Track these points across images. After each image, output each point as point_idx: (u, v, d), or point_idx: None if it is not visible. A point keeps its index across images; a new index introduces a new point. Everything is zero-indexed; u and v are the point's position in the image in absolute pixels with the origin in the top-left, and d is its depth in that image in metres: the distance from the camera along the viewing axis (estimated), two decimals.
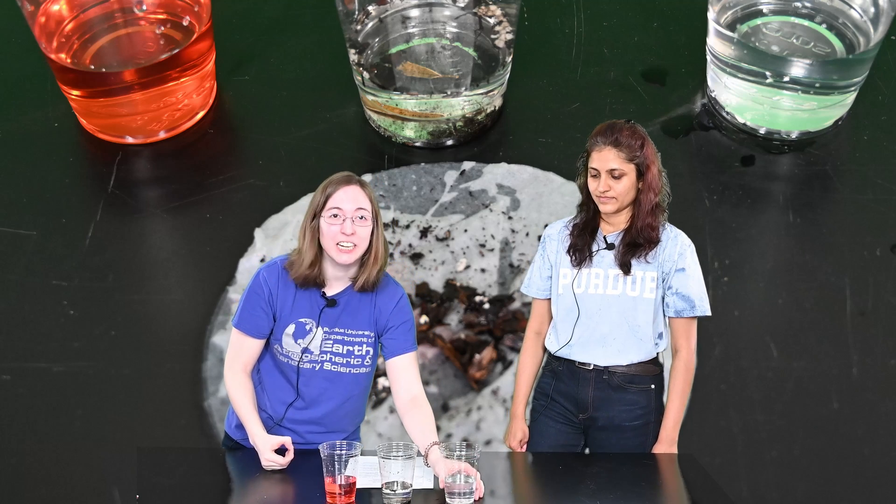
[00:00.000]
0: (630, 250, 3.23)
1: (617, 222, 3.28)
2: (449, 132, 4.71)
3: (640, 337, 3.24)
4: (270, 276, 3.06)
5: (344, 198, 3.00)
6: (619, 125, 3.24)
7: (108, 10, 4.71)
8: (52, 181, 4.70)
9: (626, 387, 3.26)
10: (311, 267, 3.02)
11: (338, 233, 2.98)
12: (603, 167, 3.20)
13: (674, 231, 3.28)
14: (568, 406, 3.31)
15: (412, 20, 4.68)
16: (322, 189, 3.03)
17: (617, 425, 3.27)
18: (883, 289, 4.27)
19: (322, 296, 3.07)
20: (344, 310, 3.07)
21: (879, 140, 4.69)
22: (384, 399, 4.14)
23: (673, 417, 3.27)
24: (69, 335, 4.28)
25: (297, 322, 3.06)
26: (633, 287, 3.23)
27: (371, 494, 2.84)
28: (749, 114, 4.67)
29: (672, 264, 3.23)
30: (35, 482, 3.96)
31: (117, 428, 4.08)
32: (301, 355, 3.06)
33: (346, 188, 3.01)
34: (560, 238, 3.34)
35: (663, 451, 3.26)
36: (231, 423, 3.24)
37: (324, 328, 3.06)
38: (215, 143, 4.82)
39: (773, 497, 3.89)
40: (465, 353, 4.22)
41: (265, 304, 3.06)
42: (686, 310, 3.26)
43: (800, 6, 4.67)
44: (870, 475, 3.92)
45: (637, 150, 3.21)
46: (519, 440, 3.39)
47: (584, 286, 3.26)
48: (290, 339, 3.06)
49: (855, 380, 4.09)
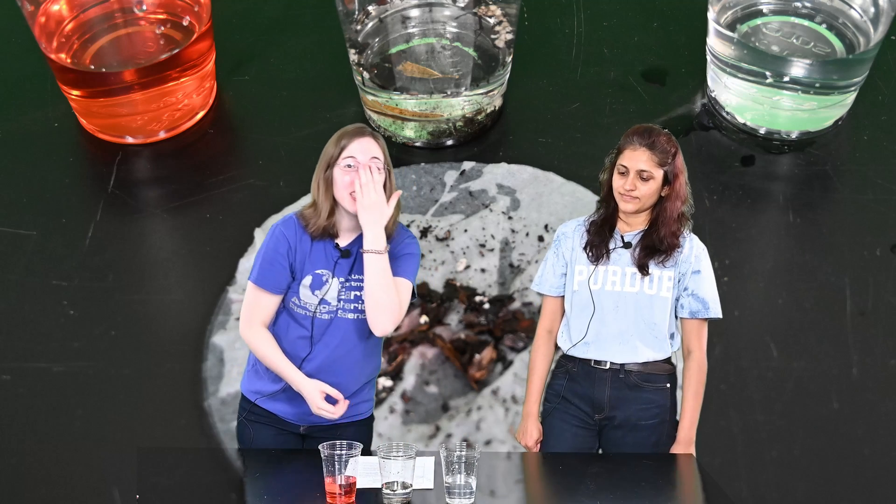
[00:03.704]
0: (649, 254, 3.25)
1: (634, 223, 3.30)
2: (449, 132, 4.71)
3: (655, 335, 3.26)
4: (287, 229, 3.10)
5: (358, 148, 3.05)
6: (658, 130, 3.27)
7: (108, 10, 4.71)
8: (52, 181, 4.70)
9: (642, 385, 3.27)
10: (329, 217, 3.07)
11: (352, 182, 3.02)
12: (633, 166, 3.22)
13: (689, 234, 3.31)
14: (583, 407, 3.31)
15: (412, 20, 4.68)
16: (335, 141, 3.08)
17: (633, 424, 3.27)
18: (883, 289, 4.27)
19: (336, 247, 3.10)
20: (357, 258, 3.09)
21: (879, 140, 4.69)
22: (384, 399, 4.14)
23: (689, 418, 3.29)
24: (69, 335, 4.28)
25: (314, 273, 3.09)
26: (650, 285, 3.25)
27: (371, 494, 2.84)
28: (749, 114, 4.67)
29: (689, 266, 3.26)
30: (35, 482, 3.96)
31: (117, 428, 4.08)
32: (318, 306, 3.09)
33: (359, 139, 3.06)
34: (575, 235, 3.35)
35: (681, 451, 3.28)
36: (252, 385, 3.21)
37: (339, 278, 3.09)
38: (215, 143, 4.82)
39: (773, 497, 3.89)
40: (465, 353, 4.22)
41: (283, 259, 3.08)
42: (700, 311, 3.28)
43: (800, 6, 4.67)
44: (870, 475, 3.93)
45: (670, 157, 3.24)
46: (535, 440, 3.38)
47: (600, 283, 3.27)
48: (307, 291, 3.09)
49: (855, 380, 4.09)
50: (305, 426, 3.18)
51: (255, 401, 3.18)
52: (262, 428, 3.19)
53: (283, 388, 3.14)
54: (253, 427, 3.20)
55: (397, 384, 4.18)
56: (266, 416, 3.18)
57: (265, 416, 3.18)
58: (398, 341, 4.24)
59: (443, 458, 2.78)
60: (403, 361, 4.22)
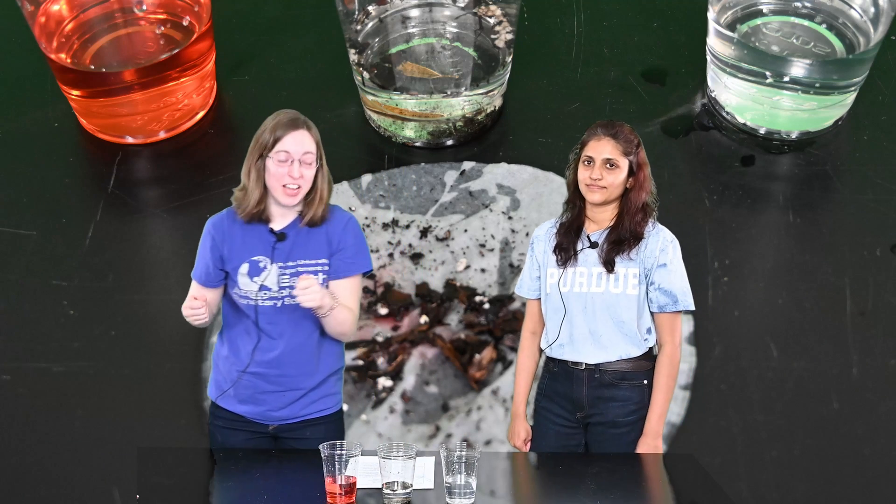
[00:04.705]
0: (614, 248, 3.28)
1: (601, 220, 3.33)
2: (449, 132, 4.71)
3: (625, 332, 3.28)
4: (217, 222, 3.19)
5: (291, 142, 3.11)
6: (621, 123, 3.35)
7: (108, 10, 4.71)
8: (52, 181, 4.70)
9: (618, 384, 3.29)
10: (259, 204, 3.13)
11: (284, 174, 3.09)
12: (599, 156, 3.28)
13: (657, 227, 3.33)
14: (566, 406, 3.35)
15: (412, 20, 4.68)
16: (271, 130, 3.14)
17: (612, 421, 3.30)
18: (883, 289, 4.27)
19: (270, 231, 3.14)
20: (294, 242, 3.14)
21: (879, 140, 4.69)
22: (384, 399, 4.14)
23: (657, 411, 3.30)
24: (69, 335, 4.28)
25: (251, 261, 3.13)
26: (616, 284, 3.27)
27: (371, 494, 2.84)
28: (749, 114, 4.67)
29: (654, 260, 3.27)
30: (35, 482, 3.96)
31: (117, 428, 4.08)
32: (258, 293, 3.11)
33: (293, 133, 3.12)
34: (547, 238, 3.40)
35: (648, 443, 3.28)
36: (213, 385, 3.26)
37: (278, 263, 3.12)
38: (215, 143, 4.82)
39: (773, 497, 3.89)
40: (465, 353, 4.22)
41: (208, 252, 3.16)
42: (669, 305, 3.29)
43: (800, 6, 4.67)
44: (870, 475, 3.93)
45: (634, 147, 3.31)
46: (523, 439, 3.42)
47: (569, 285, 3.31)
48: (245, 279, 3.13)
49: (855, 380, 4.09)
50: (273, 426, 3.20)
51: (215, 399, 3.20)
52: (231, 434, 3.21)
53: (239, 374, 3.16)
54: (222, 433, 3.22)
55: (397, 384, 4.18)
56: (234, 420, 3.20)
57: (233, 421, 3.20)
58: (398, 341, 4.24)
59: (443, 458, 2.78)
60: (403, 361, 4.22)
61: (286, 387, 3.16)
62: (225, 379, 3.20)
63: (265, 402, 3.16)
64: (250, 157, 3.14)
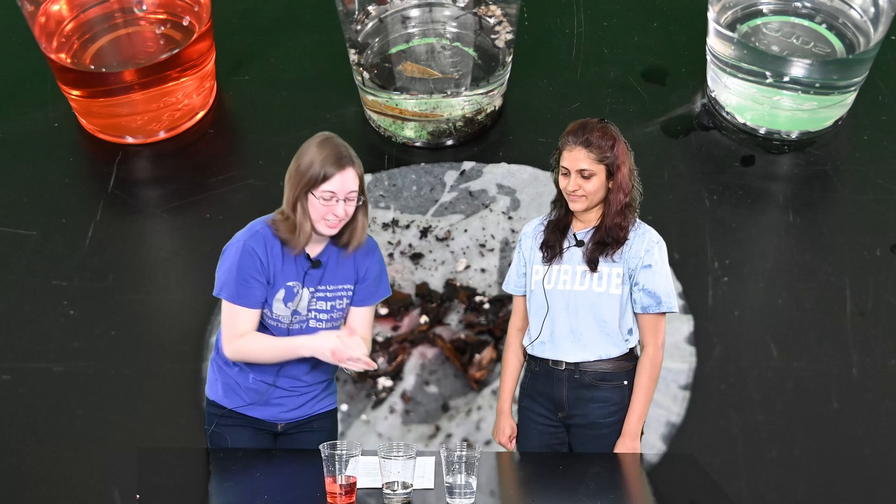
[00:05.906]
0: (598, 248, 3.26)
1: (588, 219, 3.31)
2: (449, 132, 4.71)
3: (607, 332, 3.26)
4: (257, 244, 3.09)
5: (339, 183, 3.04)
6: (591, 125, 3.26)
7: (108, 10, 4.71)
8: (52, 181, 4.70)
9: (597, 384, 3.28)
10: (309, 238, 3.09)
11: (329, 212, 3.05)
12: (573, 167, 3.24)
13: (642, 228, 3.30)
14: (547, 405, 3.34)
15: (412, 20, 4.68)
16: (320, 164, 3.03)
17: (593, 422, 3.29)
18: (883, 289, 4.27)
19: (307, 258, 3.12)
20: (327, 268, 3.13)
21: (879, 140, 4.69)
22: (384, 399, 4.14)
23: (637, 412, 3.28)
24: (69, 335, 4.28)
25: (286, 286, 3.10)
26: (599, 283, 3.26)
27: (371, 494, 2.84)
28: (749, 114, 4.67)
29: (638, 261, 3.25)
30: (35, 482, 3.96)
31: (117, 428, 4.08)
32: (291, 318, 3.11)
33: (341, 174, 3.04)
34: (534, 235, 3.38)
35: (626, 444, 3.27)
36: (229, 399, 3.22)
37: (308, 288, 3.11)
38: (215, 143, 4.82)
39: (773, 497, 3.89)
40: (465, 353, 4.22)
41: (258, 274, 3.08)
42: (652, 306, 3.27)
43: (800, 6, 4.67)
44: (870, 475, 3.93)
45: (607, 150, 3.23)
46: (508, 436, 3.41)
47: (553, 282, 3.30)
48: (280, 304, 3.11)
49: (855, 380, 4.09)
50: (283, 424, 3.21)
51: (234, 408, 3.19)
52: (238, 430, 3.20)
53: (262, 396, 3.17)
54: (228, 431, 3.21)
55: (397, 384, 4.18)
56: (241, 418, 3.20)
57: (241, 418, 3.20)
58: (398, 341, 4.25)
59: (443, 458, 2.78)
60: (403, 361, 4.22)
61: (303, 392, 3.19)
62: (240, 385, 3.18)
63: (281, 404, 3.18)
64: (294, 187, 3.06)
